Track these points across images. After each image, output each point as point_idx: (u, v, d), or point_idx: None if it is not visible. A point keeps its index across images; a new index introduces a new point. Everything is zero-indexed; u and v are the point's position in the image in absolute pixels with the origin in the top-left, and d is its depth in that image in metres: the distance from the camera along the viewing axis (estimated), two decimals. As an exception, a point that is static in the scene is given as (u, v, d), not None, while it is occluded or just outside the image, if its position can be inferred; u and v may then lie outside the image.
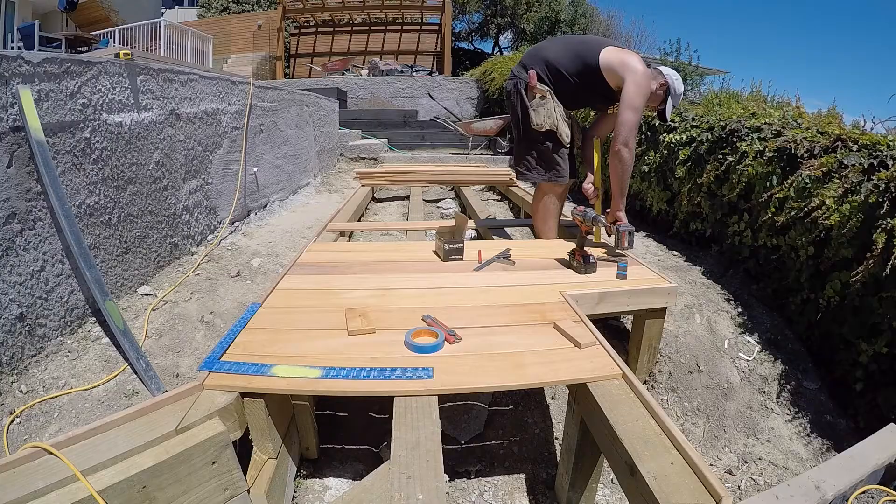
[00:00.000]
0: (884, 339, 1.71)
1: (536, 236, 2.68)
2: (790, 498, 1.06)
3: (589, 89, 2.28)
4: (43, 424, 1.50)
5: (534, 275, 1.99)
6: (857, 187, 1.85)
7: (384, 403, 1.45)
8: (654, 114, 2.45)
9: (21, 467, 0.97)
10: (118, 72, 2.06)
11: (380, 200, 5.08)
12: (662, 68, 2.29)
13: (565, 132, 2.32)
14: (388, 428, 1.13)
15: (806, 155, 2.15)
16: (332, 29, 13.12)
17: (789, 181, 2.16)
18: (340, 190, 5.04)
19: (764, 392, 1.98)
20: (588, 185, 2.66)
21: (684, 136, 2.97)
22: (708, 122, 2.88)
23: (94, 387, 1.63)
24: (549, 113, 2.28)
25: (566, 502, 1.43)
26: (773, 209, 2.24)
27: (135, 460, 1.01)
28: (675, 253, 2.99)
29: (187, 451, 1.06)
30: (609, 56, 2.17)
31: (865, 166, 1.88)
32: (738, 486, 1.67)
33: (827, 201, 1.93)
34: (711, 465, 1.75)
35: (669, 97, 2.27)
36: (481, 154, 6.84)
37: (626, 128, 2.10)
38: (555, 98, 2.29)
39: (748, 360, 2.08)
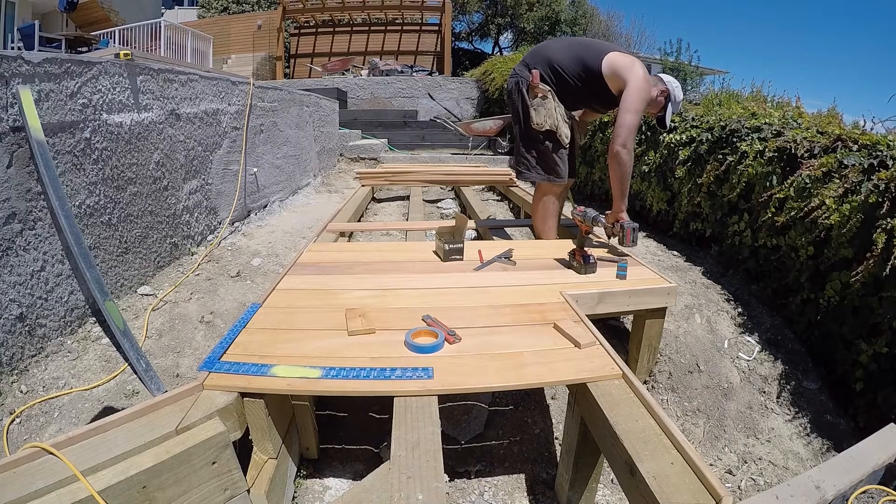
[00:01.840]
0: (884, 339, 1.71)
1: (536, 236, 2.68)
2: (790, 498, 1.06)
3: (590, 92, 2.29)
4: (43, 424, 1.50)
5: (534, 275, 1.99)
6: (857, 187, 1.85)
7: (384, 403, 1.45)
8: (654, 121, 2.46)
9: (21, 467, 0.97)
10: (118, 72, 2.06)
11: (380, 200, 5.08)
12: (663, 76, 2.31)
13: (565, 133, 2.32)
14: (388, 428, 1.13)
15: (806, 155, 2.15)
16: (332, 29, 13.12)
17: (789, 181, 2.16)
18: (340, 190, 5.04)
19: (764, 392, 1.98)
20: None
21: (684, 136, 2.97)
22: (708, 122, 2.89)
23: (94, 387, 1.63)
24: (549, 113, 2.28)
25: (566, 502, 1.43)
26: (773, 209, 2.24)
27: (135, 460, 1.01)
28: (675, 253, 2.99)
29: (187, 451, 1.06)
30: (612, 60, 2.18)
31: (865, 166, 1.88)
32: (738, 486, 1.67)
33: (827, 201, 1.93)
34: (711, 465, 1.75)
35: (669, 104, 2.28)
36: (481, 154, 6.84)
37: (626, 129, 2.10)
38: (556, 98, 2.29)
39: (748, 360, 2.08)
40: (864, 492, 1.21)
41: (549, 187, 2.46)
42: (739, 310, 2.34)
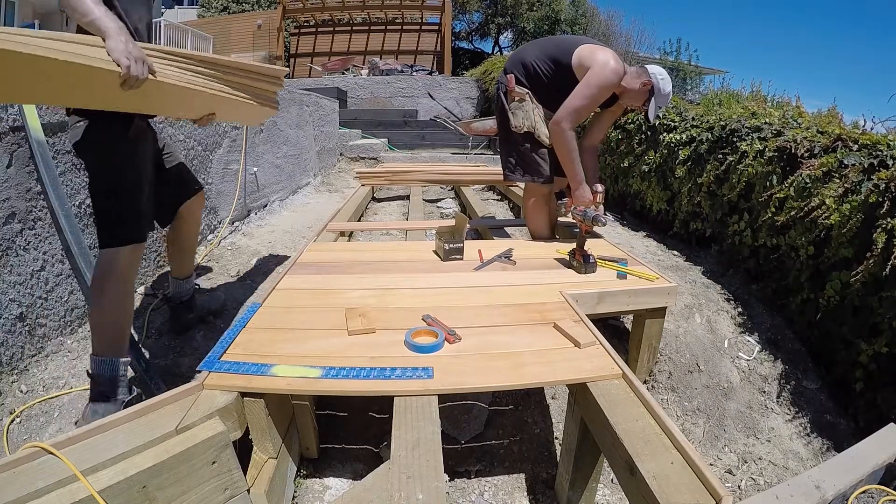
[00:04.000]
0: (884, 339, 1.71)
1: (532, 236, 2.68)
2: (790, 498, 1.06)
3: (563, 89, 2.25)
4: (43, 424, 1.50)
5: (534, 274, 1.99)
6: (857, 187, 1.85)
7: (384, 403, 1.45)
8: (641, 115, 2.43)
9: (21, 467, 0.96)
10: (118, 71, 2.06)
11: (380, 200, 5.08)
12: (649, 67, 2.23)
13: (544, 132, 2.30)
14: (388, 428, 1.13)
15: (806, 155, 2.15)
16: (332, 29, 13.10)
17: (789, 181, 2.16)
18: (340, 189, 5.05)
19: (764, 392, 1.98)
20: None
21: (684, 136, 2.97)
22: (708, 121, 2.88)
23: (94, 387, 1.63)
24: (526, 115, 2.28)
25: (566, 502, 1.43)
26: (773, 209, 2.24)
27: (135, 460, 1.01)
28: (675, 253, 2.99)
29: (187, 451, 1.06)
30: (580, 52, 2.16)
31: (865, 166, 1.88)
32: (738, 486, 1.67)
33: (827, 201, 1.93)
34: (711, 465, 1.75)
35: (653, 98, 2.19)
36: (481, 154, 6.84)
37: (565, 109, 2.13)
38: (534, 100, 2.29)
39: (748, 360, 2.08)
40: (864, 492, 1.21)
41: (535, 188, 2.45)
42: (739, 309, 2.34)
